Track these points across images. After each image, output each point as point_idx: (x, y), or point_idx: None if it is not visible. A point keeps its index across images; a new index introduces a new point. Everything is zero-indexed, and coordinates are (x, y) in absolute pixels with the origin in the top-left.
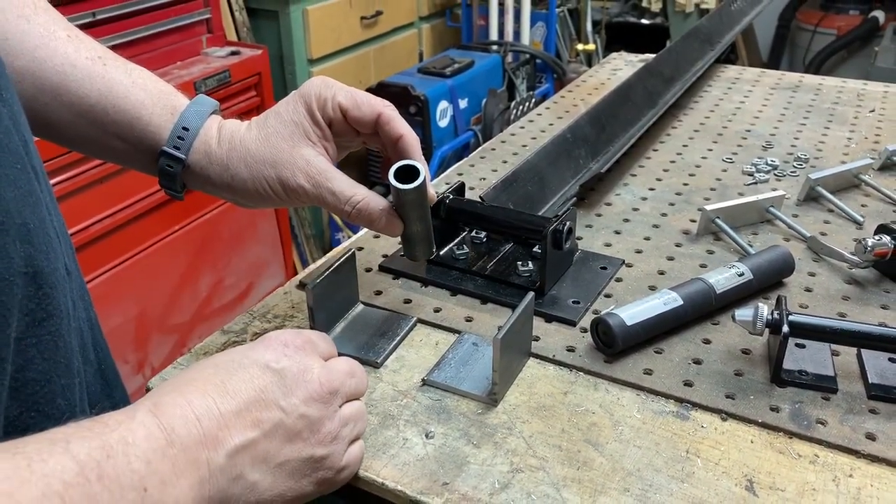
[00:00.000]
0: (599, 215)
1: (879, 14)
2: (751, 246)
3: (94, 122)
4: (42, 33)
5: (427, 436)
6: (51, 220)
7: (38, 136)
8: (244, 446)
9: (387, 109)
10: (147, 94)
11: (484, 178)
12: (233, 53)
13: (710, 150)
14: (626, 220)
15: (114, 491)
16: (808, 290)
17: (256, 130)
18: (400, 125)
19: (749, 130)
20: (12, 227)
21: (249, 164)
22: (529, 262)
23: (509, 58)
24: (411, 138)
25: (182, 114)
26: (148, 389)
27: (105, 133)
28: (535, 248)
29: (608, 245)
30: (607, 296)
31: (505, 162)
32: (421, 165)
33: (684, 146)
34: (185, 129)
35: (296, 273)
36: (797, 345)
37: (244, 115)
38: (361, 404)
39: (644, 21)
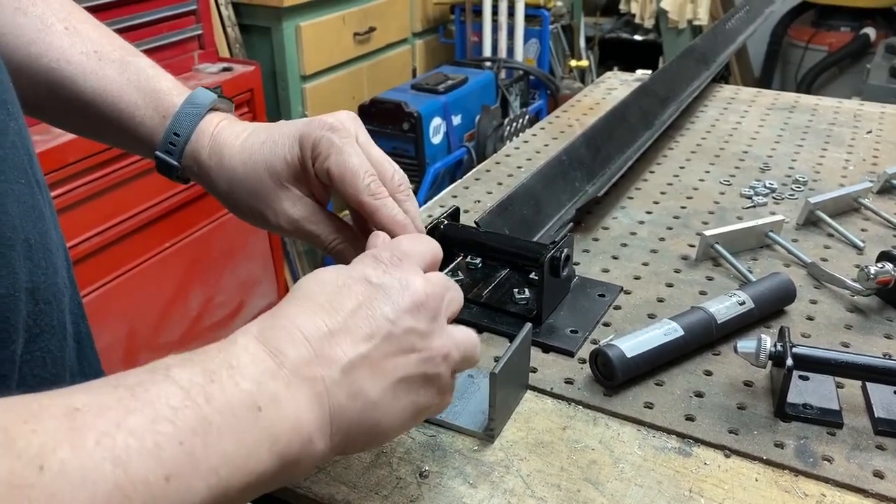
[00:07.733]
0: (596, 239)
1: (871, 31)
2: (751, 272)
3: (88, 119)
4: (38, 27)
5: (421, 475)
6: (51, 234)
7: (34, 117)
8: (359, 360)
9: (371, 200)
10: (140, 95)
11: (478, 201)
12: (225, 69)
13: (708, 171)
14: (624, 245)
15: (224, 412)
16: (810, 318)
17: (248, 153)
18: (384, 217)
19: (746, 152)
20: (18, 242)
21: (233, 187)
22: (526, 290)
23: (503, 74)
24: (401, 228)
25: (174, 116)
26: None
27: (101, 129)
28: (532, 275)
29: (606, 271)
30: (606, 324)
31: (500, 184)
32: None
33: (681, 168)
34: (175, 134)
35: (287, 290)
36: (801, 377)
37: None
38: (474, 333)
39: (637, 37)
